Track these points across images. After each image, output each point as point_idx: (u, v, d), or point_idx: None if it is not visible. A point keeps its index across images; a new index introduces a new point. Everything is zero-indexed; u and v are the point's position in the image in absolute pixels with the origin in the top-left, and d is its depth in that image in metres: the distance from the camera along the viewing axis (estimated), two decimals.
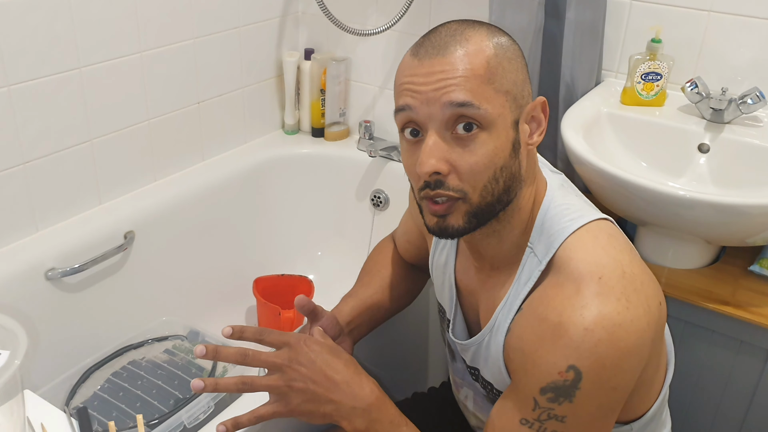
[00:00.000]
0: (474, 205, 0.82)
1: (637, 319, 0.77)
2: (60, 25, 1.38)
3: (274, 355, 0.88)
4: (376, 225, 1.95)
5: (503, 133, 0.80)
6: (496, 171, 0.80)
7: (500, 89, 0.80)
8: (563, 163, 1.62)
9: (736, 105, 1.38)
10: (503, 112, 0.80)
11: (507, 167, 0.81)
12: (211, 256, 1.80)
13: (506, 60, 0.81)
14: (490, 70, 0.79)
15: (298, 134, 2.05)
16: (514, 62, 0.82)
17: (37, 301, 1.41)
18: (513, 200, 0.85)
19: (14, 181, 1.40)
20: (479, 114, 0.78)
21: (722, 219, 1.20)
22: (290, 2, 1.93)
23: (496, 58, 0.80)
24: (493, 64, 0.80)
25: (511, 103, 0.81)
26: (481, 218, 0.83)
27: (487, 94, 0.79)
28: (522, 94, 0.82)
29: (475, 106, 0.78)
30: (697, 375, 1.35)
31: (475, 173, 0.80)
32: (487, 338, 0.92)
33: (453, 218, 0.82)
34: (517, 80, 0.82)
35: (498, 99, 0.80)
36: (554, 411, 0.80)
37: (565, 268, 0.81)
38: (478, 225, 0.84)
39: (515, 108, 0.82)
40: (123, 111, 1.56)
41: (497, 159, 0.80)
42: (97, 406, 1.39)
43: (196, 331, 1.59)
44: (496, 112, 0.79)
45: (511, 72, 0.81)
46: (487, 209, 0.83)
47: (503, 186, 0.82)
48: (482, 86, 0.79)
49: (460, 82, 0.78)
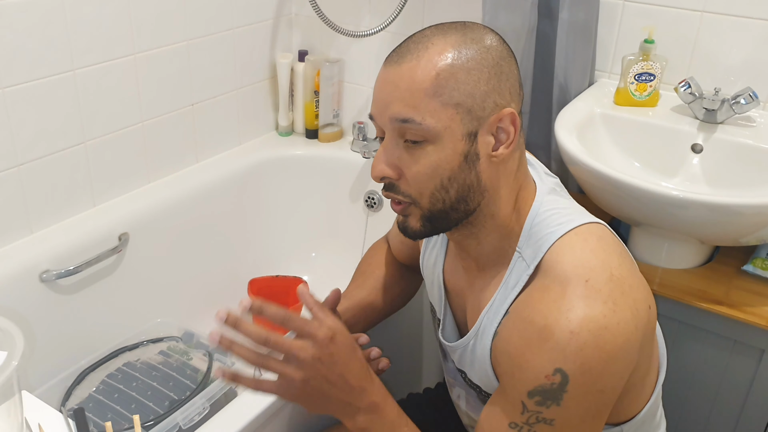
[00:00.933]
0: (425, 209, 0.84)
1: (624, 323, 0.77)
2: (54, 28, 1.38)
3: (297, 346, 0.84)
4: (370, 226, 1.95)
5: (450, 145, 0.80)
6: (443, 181, 0.82)
7: (449, 102, 0.79)
8: (557, 164, 1.63)
9: (729, 105, 1.39)
10: (451, 125, 0.80)
11: (457, 178, 0.82)
12: (206, 258, 1.80)
13: (463, 71, 0.79)
14: (438, 83, 0.79)
15: (292, 136, 2.05)
16: (474, 73, 0.80)
17: (32, 303, 1.41)
18: (477, 208, 0.85)
19: (8, 183, 1.39)
20: (421, 128, 0.80)
21: (716, 219, 1.21)
22: (283, 4, 1.93)
23: (449, 69, 0.79)
24: (444, 76, 0.79)
25: (464, 116, 0.80)
26: (436, 223, 0.86)
27: (430, 108, 0.79)
28: (482, 105, 0.80)
29: (415, 121, 0.79)
30: (691, 375, 1.35)
31: (419, 182, 0.82)
32: (472, 342, 0.92)
33: (410, 220, 0.86)
34: (474, 92, 0.80)
35: (445, 112, 0.79)
36: (542, 414, 0.80)
37: (552, 270, 0.81)
38: (435, 229, 0.87)
39: (470, 120, 0.80)
40: (117, 113, 1.56)
41: (441, 170, 0.81)
42: (92, 407, 1.38)
43: (191, 333, 1.59)
44: (442, 125, 0.79)
45: (467, 84, 0.80)
46: (441, 216, 0.84)
47: (455, 195, 0.83)
48: (426, 100, 0.79)
49: (403, 96, 0.80)
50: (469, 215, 0.85)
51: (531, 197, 0.88)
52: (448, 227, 0.87)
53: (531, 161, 0.94)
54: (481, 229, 0.88)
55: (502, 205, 0.86)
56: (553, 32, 1.54)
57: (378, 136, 0.86)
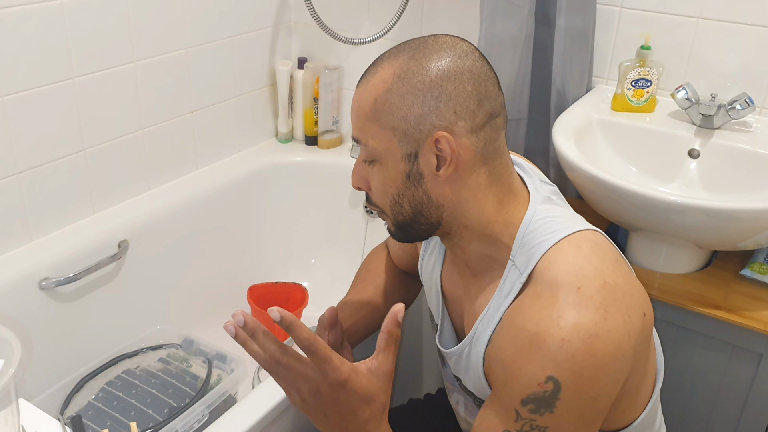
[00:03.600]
0: (392, 219, 0.90)
1: (615, 330, 0.77)
2: (53, 36, 1.39)
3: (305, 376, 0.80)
4: (369, 232, 1.95)
5: (392, 165, 0.85)
6: (393, 197, 0.87)
7: (386, 125, 0.83)
8: (555, 170, 1.63)
9: (726, 110, 1.40)
10: (390, 146, 0.84)
11: (405, 195, 0.86)
12: (206, 265, 1.80)
13: (397, 96, 0.81)
14: (376, 108, 0.83)
15: (292, 142, 2.06)
16: (408, 97, 0.81)
17: (31, 310, 1.41)
18: (443, 221, 0.87)
19: (8, 191, 1.40)
20: (367, 149, 0.86)
21: (713, 223, 1.21)
22: (283, 11, 1.94)
23: (386, 94, 0.82)
24: (381, 101, 0.83)
25: (401, 138, 0.83)
26: (407, 232, 0.91)
27: (372, 131, 0.84)
28: (417, 128, 0.81)
29: (362, 142, 0.86)
30: (689, 379, 1.35)
31: (377, 197, 0.89)
32: (467, 348, 0.92)
33: (389, 225, 0.92)
34: (407, 115, 0.81)
35: (384, 134, 0.83)
36: (536, 422, 0.80)
37: (544, 278, 0.81)
38: (409, 237, 0.92)
39: (407, 142, 0.83)
40: (116, 121, 1.57)
41: (389, 188, 0.86)
42: (92, 415, 1.38)
43: (191, 340, 1.59)
44: (383, 147, 0.84)
45: (401, 108, 0.81)
46: (408, 226, 0.89)
47: (410, 210, 0.87)
48: (368, 123, 0.84)
49: (355, 118, 0.86)
50: (438, 227, 0.89)
51: (522, 206, 0.88)
52: (422, 236, 0.92)
53: (526, 169, 0.94)
54: (460, 238, 0.90)
55: (474, 217, 0.87)
56: (551, 39, 1.54)
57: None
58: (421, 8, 1.75)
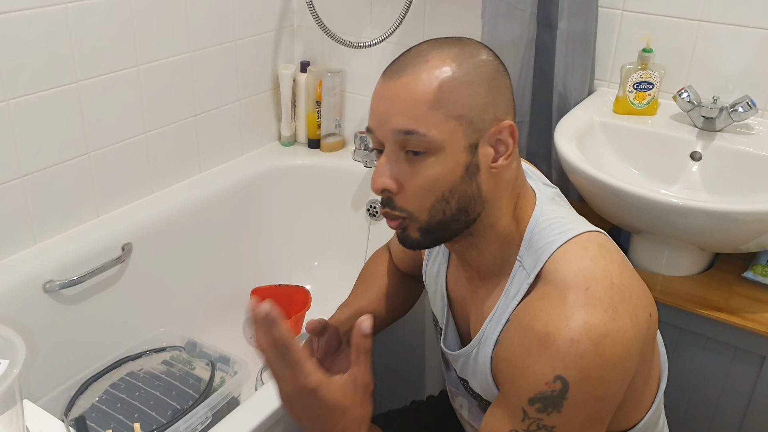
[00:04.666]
0: (424, 223, 0.85)
1: (624, 330, 0.78)
2: (57, 40, 1.40)
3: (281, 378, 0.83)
4: (372, 235, 1.96)
5: (452, 157, 0.81)
6: (444, 193, 0.82)
7: (451, 114, 0.80)
8: (557, 173, 1.63)
9: (728, 113, 1.40)
10: (453, 136, 0.80)
11: (458, 190, 0.82)
12: (209, 267, 1.81)
13: (464, 84, 0.81)
14: (440, 95, 0.80)
15: (295, 146, 2.06)
16: (474, 86, 0.81)
17: (36, 313, 1.41)
18: (477, 219, 0.86)
19: (13, 194, 1.40)
20: (424, 140, 0.80)
21: (715, 226, 1.21)
22: (286, 15, 1.94)
23: (451, 82, 0.80)
24: (446, 88, 0.80)
25: (466, 128, 0.81)
26: (436, 235, 0.86)
27: (434, 120, 0.80)
28: (482, 117, 0.81)
29: (419, 133, 0.80)
30: (692, 382, 1.35)
31: (419, 195, 0.83)
32: (475, 350, 0.93)
33: (410, 232, 0.86)
34: (474, 104, 0.81)
35: (448, 124, 0.80)
36: (543, 421, 0.80)
37: (553, 278, 0.81)
38: (435, 241, 0.87)
39: (471, 132, 0.81)
40: (120, 124, 1.57)
41: (443, 183, 0.82)
42: (96, 417, 1.39)
43: (194, 342, 1.60)
44: (444, 137, 0.80)
45: (467, 96, 0.81)
46: (441, 227, 0.85)
47: (456, 207, 0.83)
48: (429, 111, 0.80)
49: (406, 108, 0.80)
50: (470, 226, 0.86)
51: (531, 206, 0.89)
52: (448, 238, 0.88)
53: (529, 172, 0.95)
54: (481, 239, 0.88)
55: (501, 215, 0.87)
56: (552, 42, 1.55)
57: (375, 147, 0.87)
58: (423, 12, 1.76)
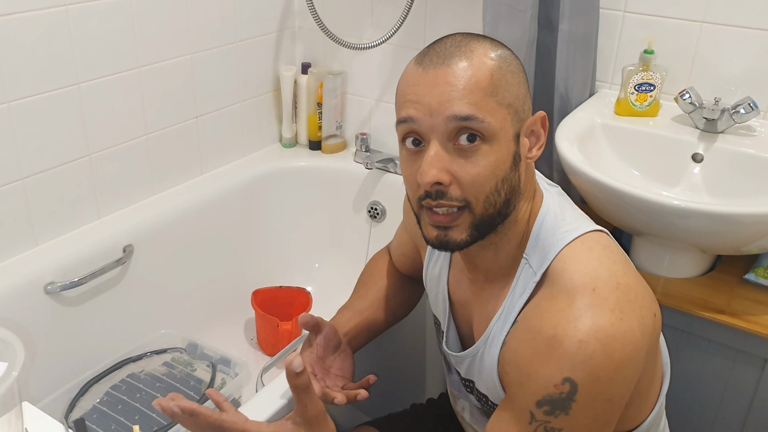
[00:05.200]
0: (478, 216, 0.82)
1: (631, 331, 0.78)
2: (58, 42, 1.40)
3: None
4: (373, 237, 1.95)
5: (504, 145, 0.81)
6: (498, 183, 0.81)
7: (503, 102, 0.81)
8: (559, 174, 1.63)
9: (729, 115, 1.39)
10: (505, 125, 0.81)
11: (507, 179, 0.82)
12: (210, 269, 1.81)
13: (509, 73, 0.82)
14: (493, 83, 0.80)
15: (296, 147, 2.06)
16: (517, 76, 0.83)
17: (37, 315, 1.42)
18: (511, 213, 0.85)
19: (14, 195, 1.40)
20: (483, 127, 0.79)
21: (717, 228, 1.21)
22: (287, 17, 1.94)
23: (500, 71, 0.81)
24: (497, 77, 0.80)
25: (513, 117, 0.82)
26: (482, 230, 0.84)
27: (490, 107, 0.79)
28: (523, 108, 0.83)
29: (478, 119, 0.79)
30: (694, 384, 1.35)
31: (478, 184, 0.80)
32: (481, 350, 0.92)
33: (456, 232, 0.83)
34: (519, 94, 0.83)
35: (500, 112, 0.80)
36: (551, 424, 0.80)
37: (560, 279, 0.82)
38: (479, 237, 0.84)
39: (516, 121, 0.82)
40: (121, 126, 1.57)
41: (498, 171, 0.81)
42: (96, 419, 1.39)
43: (195, 344, 1.60)
44: (498, 124, 0.80)
45: (514, 86, 0.82)
46: (489, 221, 0.83)
47: (504, 198, 0.83)
48: (485, 99, 0.79)
49: (465, 94, 0.79)
50: (504, 221, 0.85)
51: (539, 203, 0.89)
52: (489, 234, 0.85)
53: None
54: (503, 236, 0.88)
55: (524, 211, 0.88)
56: (554, 44, 1.54)
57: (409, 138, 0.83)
58: (425, 13, 1.76)
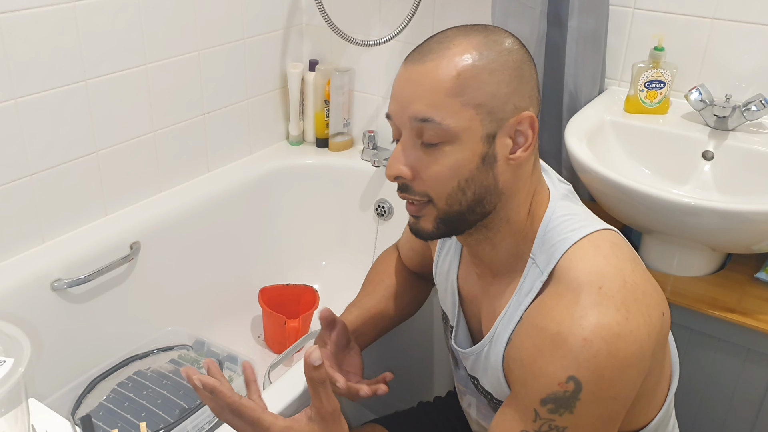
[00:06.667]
0: (441, 211, 0.84)
1: (637, 330, 0.77)
2: (66, 39, 1.40)
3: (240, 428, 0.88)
4: (380, 234, 1.95)
5: (469, 146, 0.80)
6: (461, 182, 0.81)
7: (470, 102, 0.79)
8: (567, 172, 1.62)
9: (741, 112, 1.38)
10: (472, 125, 0.79)
11: (474, 179, 0.81)
12: (217, 266, 1.81)
13: (486, 72, 0.79)
14: (459, 83, 0.79)
15: (303, 145, 2.06)
16: (498, 74, 0.80)
17: (43, 311, 1.42)
18: (494, 211, 0.85)
19: (21, 192, 1.40)
20: (440, 128, 0.79)
21: (727, 226, 1.20)
22: (294, 14, 1.94)
23: (472, 69, 0.79)
24: (466, 76, 0.79)
25: (484, 117, 0.80)
26: (450, 225, 0.85)
27: (452, 108, 0.79)
28: (503, 107, 0.80)
29: (435, 121, 0.79)
30: (703, 384, 1.34)
31: (438, 182, 0.82)
32: (486, 348, 0.92)
33: (423, 222, 0.86)
34: (496, 93, 0.80)
35: (465, 112, 0.79)
36: (555, 422, 0.79)
37: (565, 277, 0.81)
38: (449, 231, 0.86)
39: (490, 121, 0.80)
40: (128, 123, 1.57)
41: (460, 171, 0.81)
42: (103, 416, 1.39)
43: (202, 341, 1.59)
44: (462, 125, 0.79)
45: (490, 84, 0.79)
46: (457, 217, 0.84)
47: (473, 197, 0.82)
48: (446, 99, 0.79)
49: (425, 95, 0.80)
50: (485, 218, 0.85)
51: (545, 202, 0.88)
52: (463, 230, 0.87)
53: (544, 167, 0.94)
54: (496, 233, 0.87)
55: (518, 209, 0.86)
56: (563, 40, 1.53)
57: (395, 138, 0.86)
58: (433, 10, 1.75)
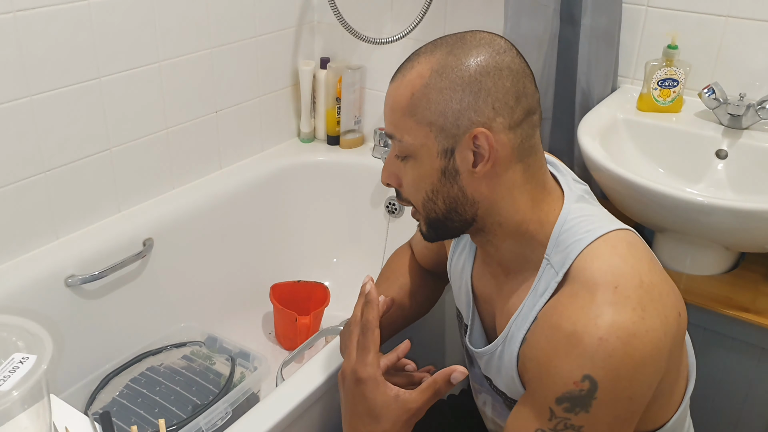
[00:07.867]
0: (424, 217, 0.90)
1: (653, 330, 0.77)
2: (80, 36, 1.40)
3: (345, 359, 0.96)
4: (391, 232, 1.95)
5: (427, 161, 0.84)
6: (428, 193, 0.86)
7: (422, 121, 0.82)
8: (580, 169, 1.61)
9: (755, 110, 1.38)
10: (427, 142, 0.83)
11: (440, 191, 0.85)
12: (229, 263, 1.81)
13: (435, 91, 0.81)
14: (412, 103, 0.83)
15: (314, 142, 2.06)
16: (446, 92, 0.81)
17: (57, 307, 1.42)
18: (479, 217, 0.87)
19: (35, 189, 1.41)
20: (401, 145, 0.85)
21: (741, 225, 1.20)
22: (306, 11, 1.94)
23: (423, 89, 0.82)
24: (418, 95, 0.82)
25: (438, 134, 0.82)
26: (438, 230, 0.90)
27: (407, 126, 0.84)
28: (455, 123, 0.81)
29: (396, 138, 0.85)
30: (717, 383, 1.34)
31: (410, 192, 0.88)
32: (500, 348, 0.92)
33: (420, 225, 0.92)
34: (446, 110, 0.81)
35: (420, 130, 0.83)
36: (570, 421, 0.79)
37: (581, 277, 0.81)
38: (439, 236, 0.91)
39: (444, 137, 0.82)
40: (142, 120, 1.58)
41: (422, 184, 0.86)
42: (116, 411, 1.40)
43: (214, 337, 1.60)
44: (418, 142, 0.83)
45: (439, 103, 0.81)
46: (440, 224, 0.89)
47: (444, 207, 0.86)
48: (403, 118, 0.84)
49: (388, 113, 0.86)
50: (472, 224, 0.88)
51: (557, 204, 0.88)
52: (453, 234, 0.91)
53: (559, 167, 0.94)
54: (493, 236, 0.89)
55: (509, 215, 0.86)
56: (576, 38, 1.53)
57: None
58: (445, 7, 1.75)
